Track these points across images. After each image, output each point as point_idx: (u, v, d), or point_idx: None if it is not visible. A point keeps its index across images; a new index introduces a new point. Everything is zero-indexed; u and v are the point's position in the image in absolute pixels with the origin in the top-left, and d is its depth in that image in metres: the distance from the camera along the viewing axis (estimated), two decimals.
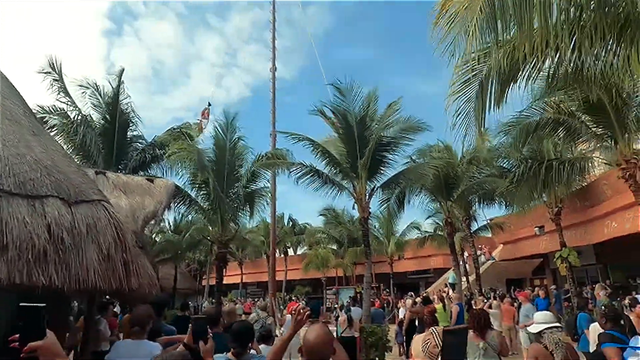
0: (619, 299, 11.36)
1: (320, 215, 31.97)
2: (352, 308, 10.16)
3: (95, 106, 13.21)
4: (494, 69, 4.48)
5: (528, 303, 9.67)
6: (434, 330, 2.75)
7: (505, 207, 16.72)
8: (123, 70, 13.41)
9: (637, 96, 9.60)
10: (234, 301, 29.47)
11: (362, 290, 29.30)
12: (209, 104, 19.60)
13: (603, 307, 4.89)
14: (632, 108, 9.69)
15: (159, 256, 26.57)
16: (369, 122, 11.73)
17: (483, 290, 18.50)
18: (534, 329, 3.66)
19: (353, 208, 11.88)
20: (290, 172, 11.58)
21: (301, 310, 2.32)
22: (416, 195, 14.09)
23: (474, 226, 22.31)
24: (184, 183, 11.79)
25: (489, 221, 22.23)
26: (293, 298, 32.48)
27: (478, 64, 4.64)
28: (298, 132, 11.46)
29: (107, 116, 12.87)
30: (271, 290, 20.06)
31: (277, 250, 43.76)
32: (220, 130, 12.36)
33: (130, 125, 13.35)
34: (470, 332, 4.01)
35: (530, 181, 11.43)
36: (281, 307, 27.54)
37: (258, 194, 12.65)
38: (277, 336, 8.63)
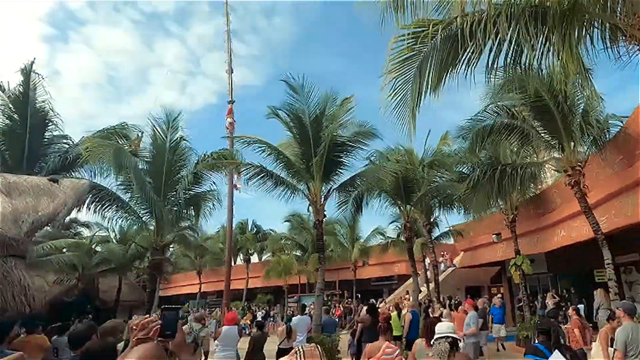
0: (564, 308, 11.44)
1: (286, 221, 31.30)
2: (295, 317, 9.62)
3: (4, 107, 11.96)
4: (432, 49, 4.18)
5: (472, 310, 9.49)
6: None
7: (464, 213, 16.75)
8: (32, 64, 12.05)
9: (580, 103, 9.73)
10: (188, 312, 28.14)
11: (325, 297, 29.14)
12: (232, 101, 18.47)
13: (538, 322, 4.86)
14: (577, 115, 9.81)
15: (100, 267, 24.97)
16: (325, 123, 11.33)
17: (441, 298, 18.44)
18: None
19: (308, 211, 11.39)
20: (239, 174, 10.95)
21: (146, 325, 1.65)
22: (374, 199, 13.78)
23: (436, 232, 22.56)
24: (112, 184, 10.77)
25: (450, 228, 22.40)
26: (252, 307, 31.47)
27: (417, 44, 4.31)
28: (266, 139, 10.87)
29: (15, 116, 11.69)
30: (225, 299, 19.20)
31: (240, 258, 42.63)
32: (159, 129, 11.53)
33: (49, 124, 12.23)
34: (422, 341, 4.38)
35: (486, 186, 11.36)
36: (291, 311, 26.55)
37: (203, 198, 11.82)
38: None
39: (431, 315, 11.84)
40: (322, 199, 11.42)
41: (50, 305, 23.50)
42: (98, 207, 9.96)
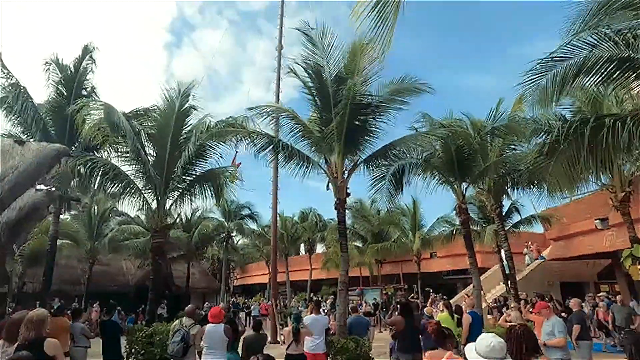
0: None
1: (347, 209, 29.43)
2: (308, 316, 7.79)
3: (56, 83, 11.99)
4: None
5: (553, 316, 6.63)
6: None
7: (547, 194, 13.14)
8: (87, 46, 11.99)
9: None
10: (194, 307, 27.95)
11: (390, 292, 26.71)
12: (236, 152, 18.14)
13: None
14: None
15: (169, 253, 25.65)
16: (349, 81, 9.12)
17: (525, 296, 15.05)
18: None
19: (328, 189, 9.42)
20: (248, 145, 9.38)
21: None
22: (418, 175, 11.15)
23: (515, 218, 18.82)
24: (112, 155, 9.83)
25: (537, 213, 18.50)
26: (314, 298, 30.32)
27: None
28: None
29: (63, 90, 11.53)
30: (272, 290, 18.08)
31: (302, 248, 41.95)
32: (167, 96, 10.27)
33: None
34: None
35: (571, 149, 8.13)
36: (300, 307, 25.51)
37: (216, 175, 10.33)
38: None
39: (506, 317, 9.06)
40: (345, 173, 9.35)
41: (136, 287, 25.15)
42: (89, 180, 9.07)
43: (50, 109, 11.50)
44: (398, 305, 20.83)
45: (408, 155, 10.72)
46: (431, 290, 24.96)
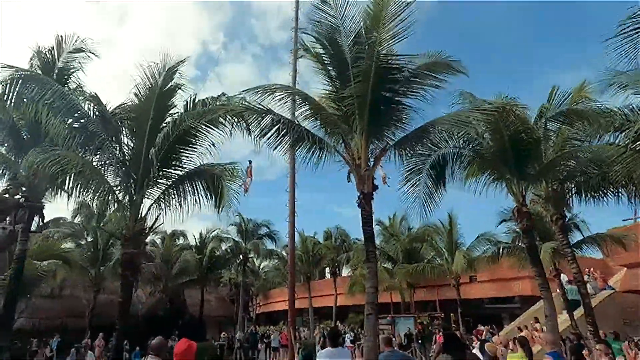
0: None
1: (376, 225, 27.02)
2: (321, 352, 5.58)
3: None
4: None
5: None
6: None
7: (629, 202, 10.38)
8: (71, 40, 10.43)
9: None
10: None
11: (425, 320, 23.56)
12: (250, 162, 16.66)
13: None
14: None
15: (180, 278, 23.87)
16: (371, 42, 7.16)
17: (602, 333, 11.80)
18: None
19: (348, 180, 7.34)
20: (249, 127, 7.52)
21: None
22: (465, 168, 8.81)
23: (574, 237, 15.76)
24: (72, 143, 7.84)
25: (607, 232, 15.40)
26: (330, 327, 27.52)
27: None
28: None
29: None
30: (290, 317, 15.73)
31: (326, 272, 39.18)
32: (148, 73, 8.14)
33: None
34: None
35: None
36: (319, 336, 22.81)
37: (213, 172, 8.20)
38: None
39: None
40: (370, 161, 7.28)
41: (145, 319, 23.22)
42: (57, 178, 7.21)
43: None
44: (441, 336, 17.85)
45: (449, 144, 8.53)
46: (470, 320, 21.78)
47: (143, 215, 7.88)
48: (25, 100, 7.89)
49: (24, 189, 9.16)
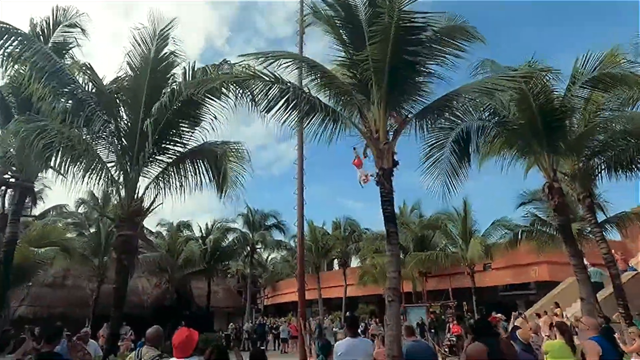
0: None
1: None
2: (343, 341, 4.98)
3: None
4: None
5: None
6: None
7: None
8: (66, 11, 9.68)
9: None
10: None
11: (438, 309, 22.94)
12: (355, 148, 15.44)
13: None
14: None
15: (186, 269, 23.40)
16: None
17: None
18: None
19: (365, 155, 6.67)
20: (255, 99, 6.83)
21: None
22: (490, 142, 8.09)
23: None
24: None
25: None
26: (348, 314, 27.04)
27: None
28: None
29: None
30: (300, 308, 15.18)
31: (334, 263, 38.63)
32: (138, 38, 7.53)
33: None
34: None
35: None
36: (334, 328, 22.34)
37: (210, 150, 7.62)
38: None
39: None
40: (389, 134, 6.60)
41: (151, 310, 22.83)
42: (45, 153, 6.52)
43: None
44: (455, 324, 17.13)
45: (474, 116, 7.83)
46: (483, 309, 21.13)
47: (140, 195, 7.25)
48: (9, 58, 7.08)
49: (14, 168, 8.63)
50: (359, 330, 24.63)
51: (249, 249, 26.92)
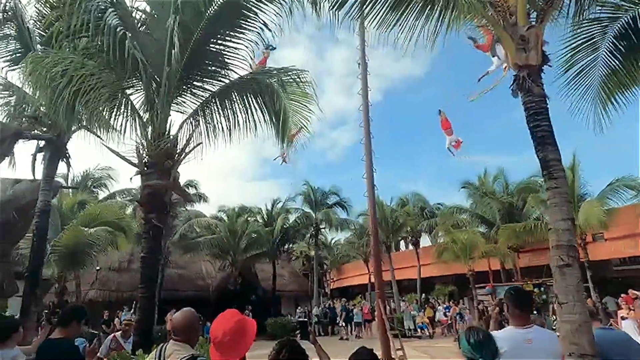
0: None
1: (463, 187, 23.40)
2: (505, 329, 2.92)
3: None
4: None
5: None
6: None
7: None
8: None
9: None
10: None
11: (530, 288, 19.73)
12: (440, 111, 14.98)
13: None
14: None
15: (249, 251, 22.45)
16: None
17: None
18: None
19: (493, 55, 4.36)
20: None
21: None
22: None
23: None
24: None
25: None
26: (431, 300, 24.67)
27: None
28: None
29: None
30: (377, 289, 13.30)
31: (401, 244, 36.01)
32: None
33: None
34: None
35: None
36: (412, 312, 20.26)
37: (263, 82, 5.68)
38: None
39: None
40: (531, 16, 4.23)
41: (217, 293, 22.40)
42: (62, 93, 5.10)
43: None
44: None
45: None
46: (595, 288, 17.54)
47: (172, 134, 5.55)
48: None
49: (44, 129, 7.62)
50: (443, 312, 22.00)
51: (312, 229, 25.42)
